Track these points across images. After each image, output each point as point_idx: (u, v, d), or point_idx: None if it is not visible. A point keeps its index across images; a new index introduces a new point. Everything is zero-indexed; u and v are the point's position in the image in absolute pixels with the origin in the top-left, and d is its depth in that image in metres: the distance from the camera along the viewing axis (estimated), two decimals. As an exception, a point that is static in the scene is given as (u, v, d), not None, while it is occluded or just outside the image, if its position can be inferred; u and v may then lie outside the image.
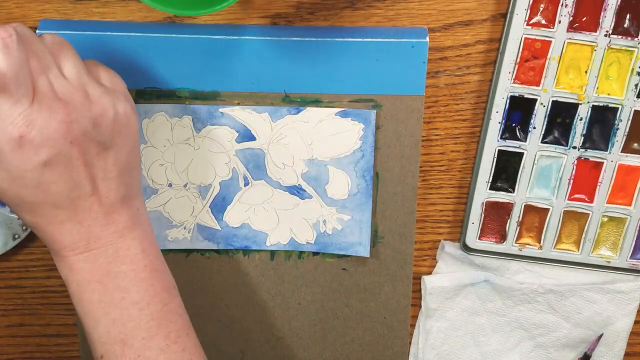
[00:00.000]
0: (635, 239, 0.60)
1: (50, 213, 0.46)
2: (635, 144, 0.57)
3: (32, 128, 0.43)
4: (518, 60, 0.55)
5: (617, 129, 0.57)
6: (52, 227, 0.47)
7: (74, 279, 0.48)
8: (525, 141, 0.58)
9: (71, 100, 0.44)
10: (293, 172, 0.58)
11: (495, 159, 0.58)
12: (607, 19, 0.54)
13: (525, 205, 0.60)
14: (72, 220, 0.47)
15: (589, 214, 0.60)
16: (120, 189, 0.48)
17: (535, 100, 0.56)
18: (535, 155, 0.58)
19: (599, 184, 0.59)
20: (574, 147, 0.58)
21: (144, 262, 0.49)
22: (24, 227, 0.61)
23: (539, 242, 0.61)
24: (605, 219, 0.60)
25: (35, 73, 0.43)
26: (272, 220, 0.60)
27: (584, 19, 0.54)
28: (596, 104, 0.56)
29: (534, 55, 0.55)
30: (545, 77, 0.55)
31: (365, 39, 0.54)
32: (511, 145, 0.58)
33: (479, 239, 0.61)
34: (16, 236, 0.61)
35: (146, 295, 0.49)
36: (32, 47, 0.43)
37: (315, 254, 0.61)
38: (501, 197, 0.60)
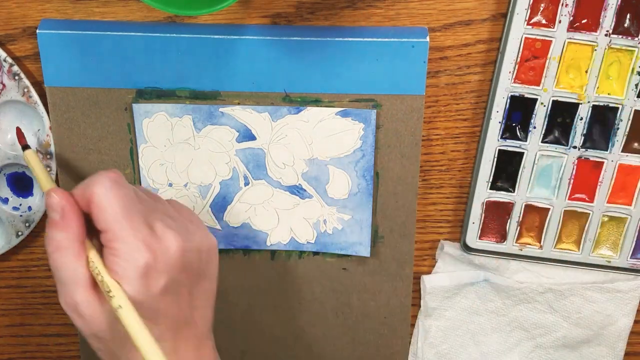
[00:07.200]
0: (635, 238, 0.60)
1: None
2: (636, 144, 0.57)
3: (156, 256, 0.44)
4: (518, 59, 0.55)
5: (618, 128, 0.57)
6: None
7: None
8: (526, 141, 0.58)
9: (180, 233, 0.46)
10: (293, 171, 0.58)
11: (495, 159, 0.58)
12: (608, 19, 0.53)
13: (525, 205, 0.60)
14: (172, 353, 0.46)
15: (589, 213, 0.60)
16: (208, 319, 0.49)
17: (536, 100, 0.56)
18: (536, 155, 0.58)
19: (599, 183, 0.59)
20: (575, 147, 0.57)
21: None
22: (27, 225, 0.61)
23: (540, 242, 0.61)
24: (606, 219, 0.60)
25: (146, 213, 0.46)
26: (273, 219, 0.60)
27: (585, 19, 0.54)
28: (596, 103, 0.56)
29: (534, 55, 0.55)
30: (545, 76, 0.55)
31: (366, 39, 0.54)
32: (511, 145, 0.58)
33: (480, 238, 0.61)
34: (19, 233, 0.61)
35: None
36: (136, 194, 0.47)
37: (315, 253, 0.61)
38: (501, 196, 0.60)
